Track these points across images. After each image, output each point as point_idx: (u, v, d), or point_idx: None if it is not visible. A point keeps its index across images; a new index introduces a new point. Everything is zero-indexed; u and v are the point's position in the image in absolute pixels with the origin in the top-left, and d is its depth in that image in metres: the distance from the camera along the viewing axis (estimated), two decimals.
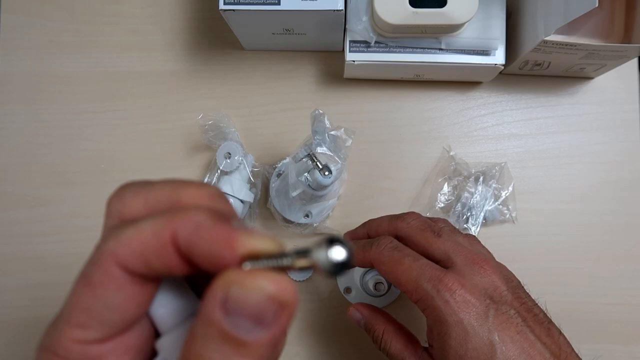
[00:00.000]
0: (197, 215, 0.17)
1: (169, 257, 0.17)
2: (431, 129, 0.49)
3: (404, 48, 0.43)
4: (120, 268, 0.17)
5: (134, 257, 0.17)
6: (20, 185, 0.49)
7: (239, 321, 0.16)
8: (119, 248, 0.17)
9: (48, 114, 0.50)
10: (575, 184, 0.49)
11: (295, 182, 0.41)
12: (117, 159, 0.49)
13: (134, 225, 0.17)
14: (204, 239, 0.16)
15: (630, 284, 0.47)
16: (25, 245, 0.48)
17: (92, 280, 0.17)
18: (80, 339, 0.17)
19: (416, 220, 0.37)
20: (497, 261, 0.36)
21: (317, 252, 0.15)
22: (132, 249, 0.17)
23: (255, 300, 0.16)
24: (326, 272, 0.15)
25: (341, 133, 0.40)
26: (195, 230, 0.16)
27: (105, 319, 0.17)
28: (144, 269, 0.17)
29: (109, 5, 0.51)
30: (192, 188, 0.19)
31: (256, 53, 0.50)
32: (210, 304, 0.16)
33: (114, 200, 0.19)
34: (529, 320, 0.32)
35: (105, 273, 0.17)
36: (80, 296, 0.17)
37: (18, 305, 0.48)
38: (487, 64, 0.43)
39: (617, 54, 0.41)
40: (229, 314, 0.16)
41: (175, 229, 0.16)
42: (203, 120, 0.46)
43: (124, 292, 0.17)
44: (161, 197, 0.18)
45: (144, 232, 0.17)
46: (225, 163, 0.45)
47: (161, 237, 0.16)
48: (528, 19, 0.43)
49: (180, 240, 0.16)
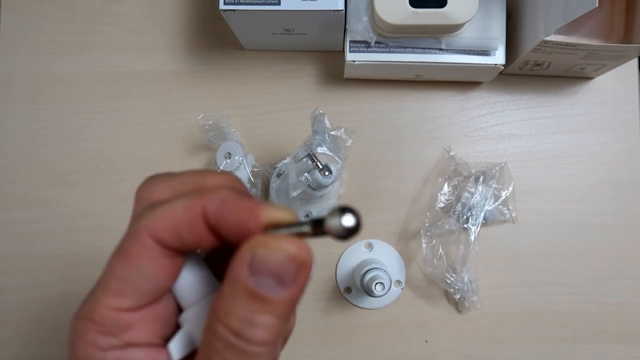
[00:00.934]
0: (223, 192, 0.19)
1: (199, 230, 0.19)
2: (431, 129, 0.49)
3: (404, 48, 0.43)
4: (154, 241, 0.19)
5: (167, 230, 0.19)
6: (20, 185, 0.49)
7: (263, 280, 0.18)
8: (153, 222, 0.19)
9: (48, 114, 0.50)
10: (576, 184, 0.49)
11: (295, 182, 0.41)
12: (117, 159, 0.49)
13: (167, 203, 0.19)
14: (230, 211, 0.18)
15: (630, 283, 0.47)
16: (25, 245, 0.48)
17: (128, 252, 0.19)
18: (115, 307, 0.19)
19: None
20: None
21: (331, 220, 0.17)
22: (166, 223, 0.19)
23: (278, 259, 0.18)
24: (339, 237, 0.17)
25: (341, 133, 0.40)
26: (223, 204, 0.18)
27: (139, 288, 0.19)
28: (176, 241, 0.19)
29: (109, 5, 0.51)
30: (214, 175, 0.21)
31: (256, 53, 0.50)
32: (238, 265, 0.18)
33: (142, 189, 0.21)
34: None
35: (141, 245, 0.19)
36: (116, 267, 0.19)
37: (18, 304, 0.48)
38: (487, 64, 0.43)
39: (617, 54, 0.41)
40: (254, 274, 0.18)
41: (205, 204, 0.18)
42: (203, 120, 0.46)
43: (157, 263, 0.19)
44: (187, 183, 0.21)
45: (176, 209, 0.19)
46: (225, 163, 0.45)
47: (192, 212, 0.19)
48: (528, 19, 0.43)
49: (209, 213, 0.18)
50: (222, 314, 0.18)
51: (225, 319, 0.18)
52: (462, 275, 0.45)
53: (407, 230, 0.48)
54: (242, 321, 0.18)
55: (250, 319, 0.18)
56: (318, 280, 0.48)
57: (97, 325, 0.19)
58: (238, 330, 0.18)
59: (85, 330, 0.19)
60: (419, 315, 0.47)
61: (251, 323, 0.18)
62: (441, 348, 0.47)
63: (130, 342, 0.20)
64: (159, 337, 0.21)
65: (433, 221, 0.47)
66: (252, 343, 0.18)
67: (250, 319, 0.18)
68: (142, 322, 0.20)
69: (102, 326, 0.19)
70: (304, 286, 0.18)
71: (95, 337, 0.19)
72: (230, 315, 0.18)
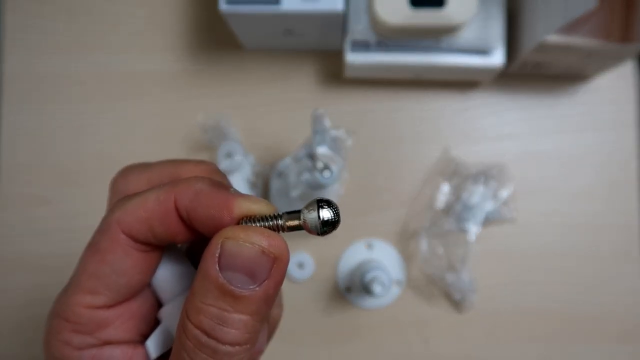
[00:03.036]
0: (197, 183, 0.18)
1: (171, 223, 0.18)
2: (431, 129, 0.49)
3: (404, 48, 0.43)
4: (127, 235, 0.18)
5: (139, 223, 0.18)
6: (21, 185, 0.49)
7: (234, 276, 0.17)
8: (125, 216, 0.18)
9: (48, 114, 0.50)
10: (575, 183, 0.49)
11: (295, 182, 0.41)
12: (117, 159, 0.49)
13: (138, 195, 0.18)
14: (203, 203, 0.17)
15: (629, 283, 0.47)
16: (28, 244, 0.48)
17: (100, 247, 0.18)
18: (90, 304, 0.18)
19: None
20: None
21: (307, 213, 0.17)
22: (137, 216, 0.18)
23: (248, 254, 0.17)
24: (315, 231, 0.17)
25: (341, 133, 0.40)
26: (195, 196, 0.18)
27: (113, 284, 0.18)
28: (148, 235, 0.18)
29: (110, 5, 0.51)
30: (191, 165, 0.20)
31: (256, 53, 0.50)
32: (208, 259, 0.17)
33: (118, 180, 0.20)
34: None
35: (113, 240, 0.18)
36: (89, 263, 0.18)
37: (18, 304, 0.48)
38: (486, 64, 0.43)
39: (616, 54, 0.41)
40: (224, 269, 0.17)
41: (177, 196, 0.18)
42: (203, 120, 0.46)
43: (130, 257, 0.18)
44: (162, 175, 0.20)
45: (148, 201, 0.18)
46: (225, 163, 0.45)
47: (164, 204, 0.18)
48: (528, 20, 0.43)
49: (182, 206, 0.18)
50: (193, 311, 0.17)
51: (195, 317, 0.17)
52: (462, 275, 0.45)
53: (407, 230, 0.48)
54: (213, 319, 0.17)
55: (221, 317, 0.17)
56: (318, 280, 0.48)
57: (71, 324, 0.18)
58: (209, 330, 0.17)
59: (60, 329, 0.18)
60: (418, 315, 0.47)
61: (223, 321, 0.17)
62: (441, 348, 0.47)
63: (106, 340, 0.19)
64: (137, 334, 0.20)
65: (433, 221, 0.47)
66: (225, 343, 0.17)
67: (222, 317, 0.17)
68: (119, 319, 0.19)
69: (76, 325, 0.18)
70: (279, 282, 0.17)
71: (69, 336, 0.18)
72: (200, 313, 0.17)
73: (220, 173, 0.21)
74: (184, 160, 0.20)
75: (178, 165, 0.20)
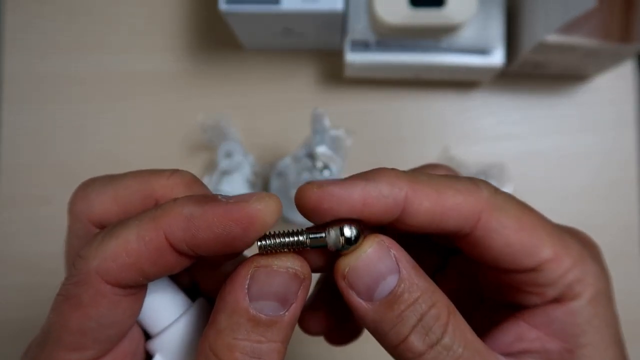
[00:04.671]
0: (182, 207, 0.15)
1: (166, 260, 0.16)
2: (431, 129, 0.49)
3: (404, 48, 0.43)
4: (112, 284, 0.16)
5: (125, 270, 0.16)
6: (21, 185, 0.49)
7: (265, 304, 0.16)
8: (106, 264, 0.15)
9: (48, 114, 0.50)
10: (575, 183, 0.49)
11: (295, 181, 0.41)
12: (117, 159, 0.49)
13: (115, 236, 0.16)
14: (203, 229, 0.15)
15: (629, 283, 0.47)
16: (29, 244, 0.48)
17: (81, 302, 0.16)
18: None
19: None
20: None
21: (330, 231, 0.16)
22: (122, 263, 0.15)
23: (280, 280, 0.16)
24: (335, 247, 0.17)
25: (341, 133, 0.40)
26: (189, 223, 0.15)
27: (102, 337, 0.17)
28: (139, 279, 0.16)
29: (110, 5, 0.51)
30: (163, 178, 0.18)
31: (256, 53, 0.50)
32: (237, 292, 0.16)
33: (77, 201, 0.18)
34: None
35: (96, 293, 0.16)
36: (70, 319, 0.16)
37: (18, 304, 0.48)
38: (486, 64, 0.43)
39: (616, 54, 0.41)
40: (255, 299, 0.16)
41: (166, 230, 0.15)
42: (203, 120, 0.46)
43: (119, 306, 0.16)
44: (131, 191, 0.17)
45: (130, 243, 0.15)
46: (225, 163, 0.45)
47: (153, 244, 0.15)
48: (527, 19, 0.43)
49: (176, 240, 0.15)
50: (224, 350, 0.16)
51: (229, 356, 0.16)
52: None
53: None
54: (248, 354, 0.16)
55: (256, 351, 0.16)
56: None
57: None
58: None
59: None
60: None
61: (258, 354, 0.16)
62: None
63: None
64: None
65: None
66: None
67: (257, 351, 0.16)
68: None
69: None
70: (304, 301, 0.17)
71: None
72: (234, 350, 0.16)
73: (197, 183, 0.18)
74: (154, 173, 0.18)
75: (148, 179, 0.18)
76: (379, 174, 0.18)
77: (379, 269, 0.16)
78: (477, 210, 0.17)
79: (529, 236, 0.17)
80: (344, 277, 0.17)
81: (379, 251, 0.17)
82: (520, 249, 0.17)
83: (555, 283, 0.18)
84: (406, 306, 0.16)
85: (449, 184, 0.18)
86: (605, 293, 0.20)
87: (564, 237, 0.18)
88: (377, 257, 0.17)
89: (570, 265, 0.18)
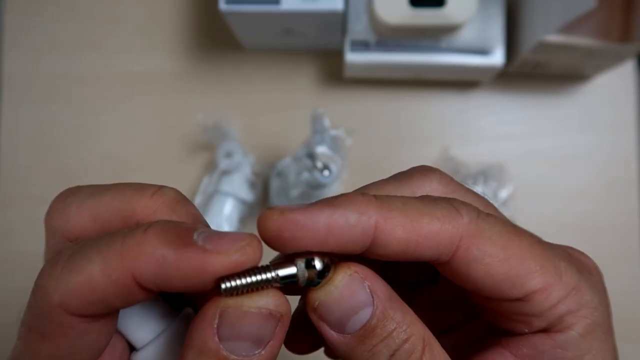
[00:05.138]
0: (154, 248, 0.14)
1: (134, 294, 0.15)
2: (431, 129, 0.49)
3: (404, 48, 0.43)
4: (77, 316, 0.15)
5: (89, 305, 0.15)
6: (21, 185, 0.49)
7: (237, 345, 0.15)
8: (69, 300, 0.15)
9: (48, 114, 0.50)
10: (575, 183, 0.49)
11: (295, 181, 0.41)
12: (117, 159, 0.49)
13: (76, 271, 0.15)
14: (172, 273, 0.14)
15: (629, 283, 0.47)
16: (26, 245, 0.48)
17: (46, 333, 0.15)
18: None
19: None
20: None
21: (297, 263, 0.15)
22: (86, 299, 0.15)
23: (253, 320, 0.15)
24: (305, 283, 0.16)
25: (341, 133, 0.40)
26: (158, 267, 0.14)
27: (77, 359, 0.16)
28: (105, 310, 0.15)
29: (110, 5, 0.51)
30: (145, 197, 0.17)
31: (256, 53, 0.50)
32: (204, 331, 0.15)
33: (55, 215, 0.17)
34: None
35: (61, 325, 0.15)
36: (40, 350, 0.16)
37: (18, 304, 0.48)
38: (486, 64, 0.43)
39: (616, 54, 0.41)
40: (225, 340, 0.15)
41: (134, 270, 0.14)
42: (203, 120, 0.46)
43: (89, 332, 0.16)
44: (111, 210, 0.17)
45: (94, 281, 0.14)
46: (225, 163, 0.45)
47: (119, 283, 0.15)
48: (527, 19, 0.43)
49: (145, 280, 0.15)
50: None
51: None
52: None
53: None
54: None
55: None
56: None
57: None
58: None
59: None
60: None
61: None
62: None
63: None
64: None
65: None
66: None
67: None
68: None
69: None
70: (282, 339, 0.16)
71: None
72: None
73: (183, 204, 0.17)
74: (138, 190, 0.17)
75: (131, 198, 0.17)
76: (347, 200, 0.16)
77: (351, 304, 0.16)
78: (456, 238, 0.16)
79: (516, 265, 0.16)
80: (314, 310, 0.16)
81: (351, 285, 0.16)
82: (504, 279, 0.16)
83: (543, 314, 0.17)
84: (379, 340, 0.16)
85: (425, 210, 0.16)
86: (603, 325, 0.18)
87: (559, 264, 0.17)
88: (349, 292, 0.16)
89: (563, 295, 0.17)
